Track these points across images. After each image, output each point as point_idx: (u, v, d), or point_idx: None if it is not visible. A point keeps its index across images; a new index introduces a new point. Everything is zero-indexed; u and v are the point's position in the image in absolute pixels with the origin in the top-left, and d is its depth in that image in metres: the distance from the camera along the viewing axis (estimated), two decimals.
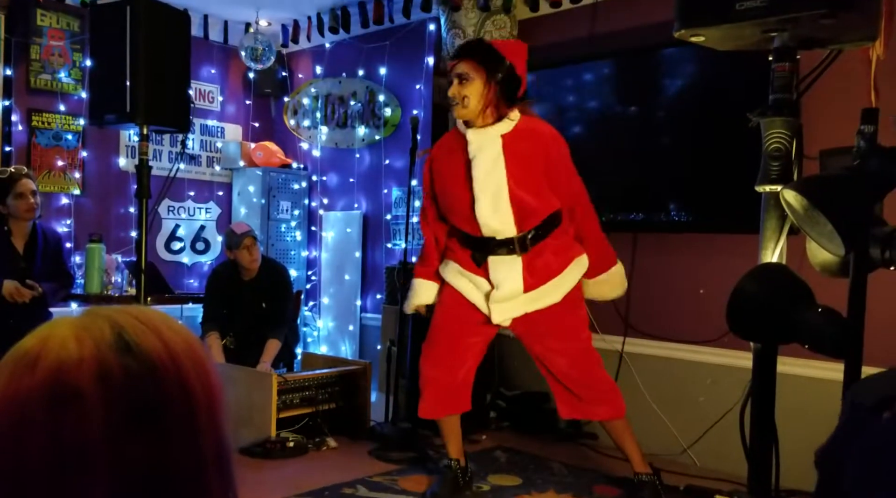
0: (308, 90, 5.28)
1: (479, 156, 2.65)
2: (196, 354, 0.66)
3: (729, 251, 3.37)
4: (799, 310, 1.54)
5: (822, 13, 1.61)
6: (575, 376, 2.76)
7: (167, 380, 0.62)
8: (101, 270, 4.07)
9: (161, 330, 0.64)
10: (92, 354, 0.60)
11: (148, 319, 0.65)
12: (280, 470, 3.15)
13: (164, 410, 0.61)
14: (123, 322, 0.63)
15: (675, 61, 3.56)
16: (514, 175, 2.63)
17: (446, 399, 2.84)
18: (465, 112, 2.68)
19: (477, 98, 2.65)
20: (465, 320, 2.80)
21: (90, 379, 0.59)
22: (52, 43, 4.52)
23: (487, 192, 2.64)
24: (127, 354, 0.61)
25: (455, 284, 2.80)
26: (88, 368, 0.60)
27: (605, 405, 2.79)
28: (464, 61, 2.68)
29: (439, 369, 2.82)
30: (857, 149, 1.55)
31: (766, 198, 1.87)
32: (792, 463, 2.20)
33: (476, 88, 2.65)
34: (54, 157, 4.55)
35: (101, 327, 0.62)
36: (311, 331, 5.24)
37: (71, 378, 0.59)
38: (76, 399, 0.58)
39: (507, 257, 2.69)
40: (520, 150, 2.65)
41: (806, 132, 2.78)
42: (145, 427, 0.60)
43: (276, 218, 5.16)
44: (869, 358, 1.62)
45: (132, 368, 0.61)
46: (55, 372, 0.59)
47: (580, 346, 2.78)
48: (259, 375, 3.56)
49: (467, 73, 2.65)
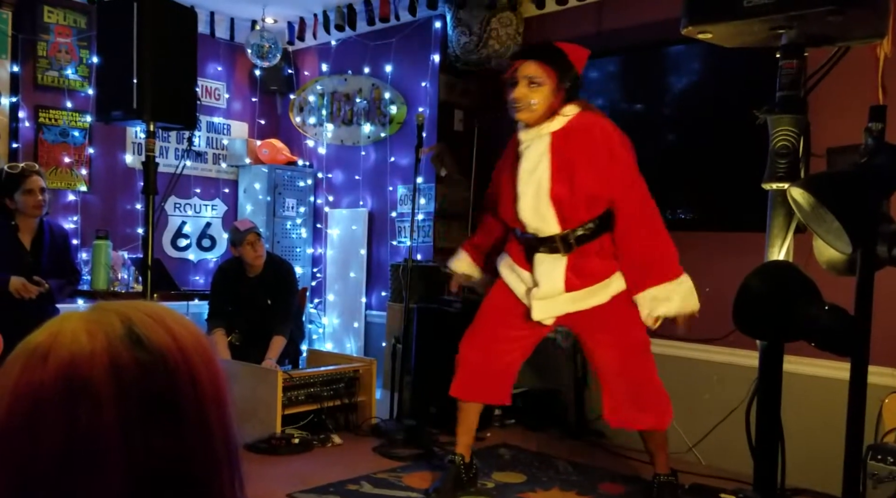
0: (314, 87, 5.29)
1: (525, 153, 2.62)
2: (203, 348, 0.67)
3: (735, 249, 3.36)
4: (805, 308, 1.53)
5: (830, 10, 1.60)
6: (624, 374, 2.66)
7: (178, 373, 0.62)
8: (107, 267, 4.08)
9: (169, 324, 0.65)
10: (104, 347, 0.61)
11: (156, 313, 0.66)
12: (285, 466, 3.16)
13: (175, 402, 0.62)
14: (133, 316, 0.64)
15: (682, 58, 3.55)
16: (558, 173, 2.56)
17: (476, 383, 2.79)
18: (530, 116, 2.60)
19: (545, 104, 2.57)
20: (510, 313, 2.76)
21: (102, 372, 0.60)
22: (59, 40, 4.54)
23: (529, 189, 2.60)
24: (138, 346, 0.62)
25: (504, 277, 2.79)
26: (101, 361, 0.60)
27: (652, 413, 2.69)
28: (535, 63, 2.58)
29: (475, 352, 2.78)
30: (865, 146, 1.55)
31: (773, 195, 1.87)
32: (797, 461, 2.20)
33: (545, 94, 2.57)
34: (61, 153, 4.56)
35: (112, 321, 0.63)
36: (316, 328, 5.25)
37: (83, 371, 0.59)
38: (89, 392, 0.59)
39: (550, 256, 2.63)
40: (569, 148, 2.57)
41: (813, 129, 2.77)
42: (158, 419, 0.61)
43: (282, 215, 5.17)
44: (875, 356, 1.61)
45: (144, 361, 0.61)
46: (67, 365, 0.60)
47: (633, 341, 2.67)
48: (264, 371, 3.57)
49: (539, 77, 2.56)
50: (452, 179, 4.56)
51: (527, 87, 2.58)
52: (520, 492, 2.93)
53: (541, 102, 2.57)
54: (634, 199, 2.60)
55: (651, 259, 2.59)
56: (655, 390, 2.72)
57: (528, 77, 2.58)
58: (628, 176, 2.60)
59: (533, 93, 2.57)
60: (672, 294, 2.58)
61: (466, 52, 4.24)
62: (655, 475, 2.82)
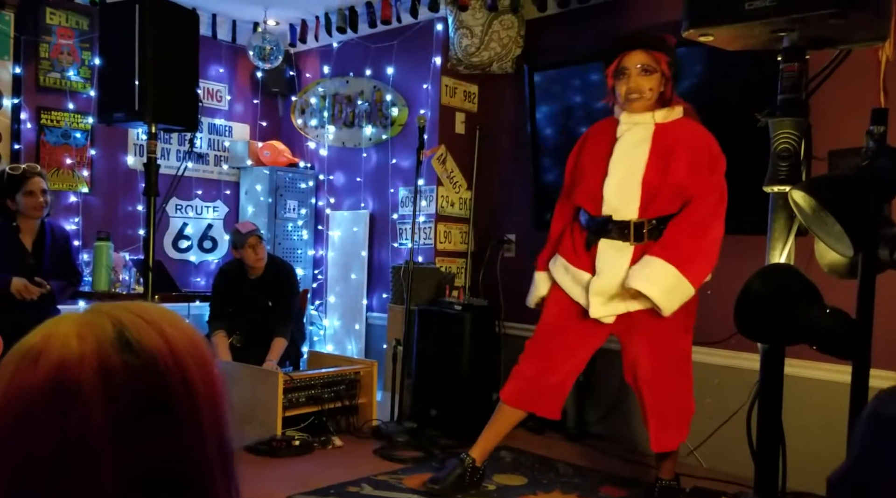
0: (315, 89, 5.29)
1: (626, 135, 2.59)
2: (199, 350, 0.66)
3: (736, 252, 3.35)
4: (807, 311, 1.53)
5: (831, 13, 1.60)
6: (655, 386, 2.62)
7: (169, 376, 0.62)
8: (108, 268, 4.08)
9: (163, 327, 0.65)
10: (93, 350, 0.61)
11: (150, 315, 0.66)
12: (285, 468, 3.16)
13: (167, 406, 0.62)
14: (125, 319, 0.64)
15: (683, 61, 3.54)
16: (656, 159, 2.54)
17: (528, 393, 2.75)
18: (645, 105, 2.57)
19: (657, 91, 2.57)
20: (567, 321, 2.70)
21: (92, 376, 0.60)
22: (62, 41, 4.54)
23: (621, 168, 2.56)
24: (128, 350, 0.62)
25: (559, 281, 2.72)
26: (90, 365, 0.60)
27: (676, 431, 2.68)
28: (644, 52, 2.55)
29: (531, 365, 2.74)
30: (867, 149, 1.55)
31: (775, 198, 1.87)
32: (798, 465, 2.20)
33: (657, 81, 2.56)
34: (63, 155, 4.57)
35: (103, 324, 0.63)
36: (317, 330, 5.25)
37: (72, 375, 0.59)
38: (78, 396, 0.59)
39: (619, 242, 2.57)
40: (673, 140, 2.55)
41: (815, 132, 2.77)
42: (149, 423, 0.61)
43: (283, 217, 5.17)
44: (877, 360, 1.61)
45: (133, 365, 0.61)
46: (57, 369, 0.60)
47: (673, 356, 2.63)
48: (265, 373, 3.57)
49: (650, 65, 2.54)
50: (454, 182, 4.56)
51: (640, 75, 2.56)
52: (521, 494, 2.93)
53: (655, 89, 2.57)
54: (709, 203, 2.55)
55: (678, 243, 2.51)
56: (685, 407, 2.69)
57: (640, 65, 2.55)
58: (717, 186, 2.57)
59: (647, 80, 2.56)
60: (663, 279, 2.47)
61: (468, 55, 4.25)
62: (658, 479, 2.81)
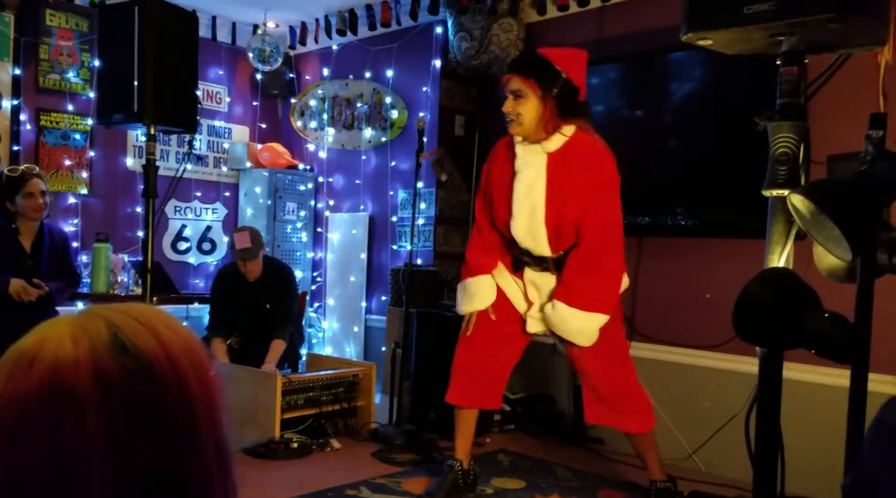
0: (315, 92, 5.30)
1: (522, 172, 2.62)
2: (195, 353, 0.66)
3: (735, 255, 3.36)
4: (805, 315, 1.53)
5: (830, 17, 1.60)
6: (606, 383, 2.73)
7: (164, 379, 0.62)
8: (107, 270, 4.08)
9: (158, 329, 0.64)
10: (88, 354, 0.60)
11: (146, 318, 0.65)
12: (283, 471, 3.15)
13: (162, 409, 0.61)
14: (120, 322, 0.63)
15: (682, 65, 3.55)
16: (554, 196, 2.59)
17: (473, 388, 2.80)
18: (520, 129, 2.61)
19: (532, 115, 2.57)
20: (504, 315, 2.79)
21: (86, 379, 0.59)
22: (61, 43, 4.54)
23: (524, 211, 2.62)
24: (123, 353, 0.61)
25: (499, 282, 2.81)
26: (85, 369, 0.60)
27: (636, 418, 2.76)
28: (517, 77, 2.60)
29: (472, 355, 2.80)
30: (865, 154, 1.55)
31: (773, 202, 1.86)
32: (797, 469, 2.19)
33: (531, 106, 2.57)
34: (62, 156, 4.57)
35: (98, 327, 0.62)
36: (315, 332, 5.24)
37: (67, 379, 0.59)
38: (73, 400, 0.58)
39: (542, 274, 2.72)
40: (565, 170, 2.60)
41: (814, 136, 2.78)
42: (145, 427, 0.60)
43: (283, 219, 5.17)
44: (876, 364, 1.61)
45: (128, 368, 0.61)
46: (51, 372, 0.59)
47: (614, 353, 2.75)
48: (264, 375, 3.56)
49: (522, 90, 2.57)
50: (453, 184, 4.56)
51: (513, 100, 2.60)
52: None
53: (526, 114, 2.57)
54: (596, 233, 2.62)
55: (573, 283, 2.64)
56: (635, 392, 2.77)
57: (513, 91, 2.60)
58: (604, 208, 2.62)
59: (518, 105, 2.58)
60: (572, 321, 2.63)
61: (467, 58, 4.25)
62: (652, 482, 2.81)
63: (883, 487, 0.86)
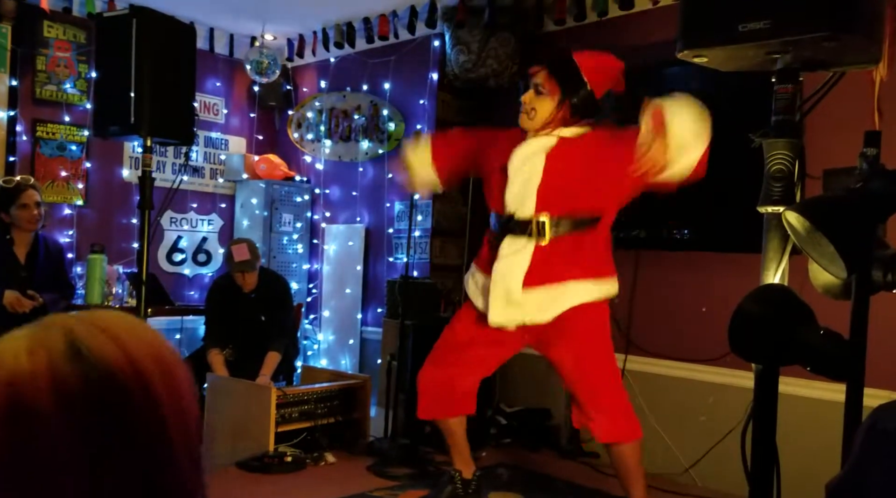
0: (312, 104, 5.31)
1: (524, 147, 2.57)
2: (163, 359, 0.64)
3: (731, 270, 3.36)
4: (801, 332, 1.53)
5: (824, 36, 1.61)
6: (579, 376, 2.56)
7: (128, 386, 0.60)
8: (102, 281, 4.06)
9: (120, 336, 0.63)
10: (45, 365, 0.59)
11: (107, 325, 0.64)
12: (277, 485, 3.13)
13: (127, 417, 0.60)
14: (77, 329, 0.62)
15: (678, 80, 3.56)
16: (553, 166, 2.52)
17: (441, 400, 2.73)
18: (530, 124, 2.57)
19: (545, 115, 2.55)
20: (474, 329, 2.69)
21: (45, 391, 0.58)
22: (59, 54, 4.55)
23: (518, 179, 2.55)
24: (80, 361, 0.60)
25: (468, 291, 2.74)
26: (43, 381, 0.58)
27: (608, 423, 2.55)
28: (545, 72, 2.56)
29: (436, 368, 2.74)
30: (860, 171, 1.55)
31: (768, 218, 1.87)
32: (793, 484, 2.19)
33: (547, 105, 2.54)
34: (58, 167, 4.56)
35: (54, 337, 0.61)
36: (311, 344, 5.22)
37: (25, 392, 0.58)
38: (33, 414, 0.57)
39: (520, 239, 2.53)
40: (573, 149, 2.54)
41: (809, 151, 2.78)
42: (112, 435, 0.59)
43: (279, 230, 5.17)
44: (871, 379, 1.61)
45: (88, 376, 0.59)
46: (8, 387, 0.58)
47: (593, 349, 2.59)
48: (258, 388, 3.55)
49: (543, 87, 2.54)
50: (449, 196, 4.56)
51: (533, 93, 2.56)
52: None
53: (540, 112, 2.55)
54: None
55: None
56: (613, 397, 2.58)
57: (535, 84, 2.56)
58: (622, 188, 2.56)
59: (535, 101, 2.56)
60: None
61: (465, 71, 4.26)
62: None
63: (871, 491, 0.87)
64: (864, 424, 0.93)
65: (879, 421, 0.90)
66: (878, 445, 0.88)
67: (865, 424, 0.93)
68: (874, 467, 0.87)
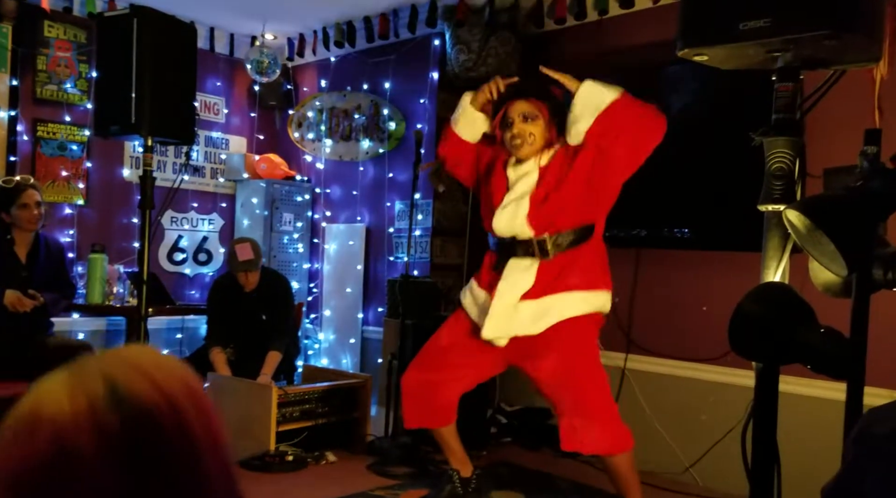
0: (313, 103, 5.31)
1: (517, 170, 2.66)
2: (194, 393, 0.66)
3: (732, 268, 3.36)
4: (801, 330, 1.53)
5: (825, 34, 1.61)
6: (569, 385, 2.49)
7: (166, 425, 0.62)
8: (102, 281, 4.07)
9: (153, 374, 0.64)
10: (86, 410, 0.60)
11: (139, 363, 0.65)
12: (278, 484, 3.14)
13: (167, 456, 0.61)
14: (114, 372, 0.63)
15: (678, 78, 3.56)
16: (547, 184, 2.59)
17: (422, 408, 2.75)
18: (530, 150, 2.62)
19: (544, 136, 2.62)
20: (460, 337, 2.70)
21: (87, 434, 0.59)
22: (59, 54, 4.55)
23: (506, 212, 2.62)
24: (122, 405, 0.61)
25: (464, 303, 2.76)
26: (85, 424, 0.60)
27: (600, 433, 2.48)
28: (522, 101, 2.63)
29: (419, 372, 2.75)
30: (861, 170, 1.55)
31: (769, 217, 1.87)
32: (793, 483, 2.19)
33: (542, 127, 2.62)
34: (59, 167, 4.56)
35: (93, 381, 0.62)
36: (311, 343, 5.23)
37: (68, 436, 0.59)
38: (76, 456, 0.59)
39: (525, 260, 2.59)
40: (560, 163, 2.61)
41: (810, 149, 2.78)
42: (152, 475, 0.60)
43: (279, 230, 5.17)
44: (872, 378, 1.60)
45: (128, 419, 0.61)
46: (53, 434, 0.59)
47: (582, 359, 2.54)
48: (259, 387, 3.55)
49: (531, 113, 2.62)
50: (450, 195, 4.56)
51: (522, 122, 2.61)
52: None
53: (539, 135, 2.61)
54: None
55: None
56: (599, 403, 2.52)
57: (522, 114, 2.61)
58: None
59: (530, 127, 2.61)
60: None
61: (465, 70, 4.26)
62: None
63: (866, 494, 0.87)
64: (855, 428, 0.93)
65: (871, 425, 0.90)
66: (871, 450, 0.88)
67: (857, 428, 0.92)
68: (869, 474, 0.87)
